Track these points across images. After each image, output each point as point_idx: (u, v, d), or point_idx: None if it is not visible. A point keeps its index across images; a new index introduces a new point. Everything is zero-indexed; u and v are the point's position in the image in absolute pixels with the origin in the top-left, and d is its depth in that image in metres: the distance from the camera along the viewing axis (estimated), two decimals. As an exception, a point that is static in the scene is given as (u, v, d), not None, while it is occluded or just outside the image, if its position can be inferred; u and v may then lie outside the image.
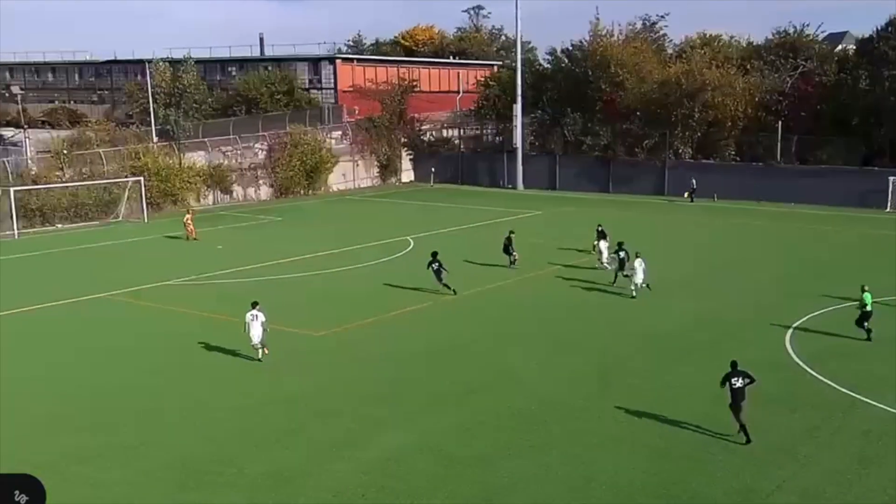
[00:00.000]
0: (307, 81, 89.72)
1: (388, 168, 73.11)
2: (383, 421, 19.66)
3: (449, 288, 31.54)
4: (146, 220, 52.26)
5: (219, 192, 61.34)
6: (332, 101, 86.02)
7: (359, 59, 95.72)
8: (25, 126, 67.33)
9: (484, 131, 77.95)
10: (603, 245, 35.82)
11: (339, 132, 73.07)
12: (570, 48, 70.15)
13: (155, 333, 27.37)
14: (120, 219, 52.76)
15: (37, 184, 51.46)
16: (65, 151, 56.03)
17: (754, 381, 18.20)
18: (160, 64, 72.10)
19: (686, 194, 59.10)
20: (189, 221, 45.43)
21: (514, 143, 67.90)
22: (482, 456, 17.69)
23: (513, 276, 34.78)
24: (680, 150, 62.91)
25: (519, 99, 66.82)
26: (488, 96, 75.70)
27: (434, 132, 77.93)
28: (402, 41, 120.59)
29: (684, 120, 62.07)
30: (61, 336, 27.43)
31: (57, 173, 54.74)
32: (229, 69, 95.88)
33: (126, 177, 54.45)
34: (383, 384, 22.20)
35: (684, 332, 26.54)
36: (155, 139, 63.08)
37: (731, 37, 72.33)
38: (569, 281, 33.71)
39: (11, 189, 48.05)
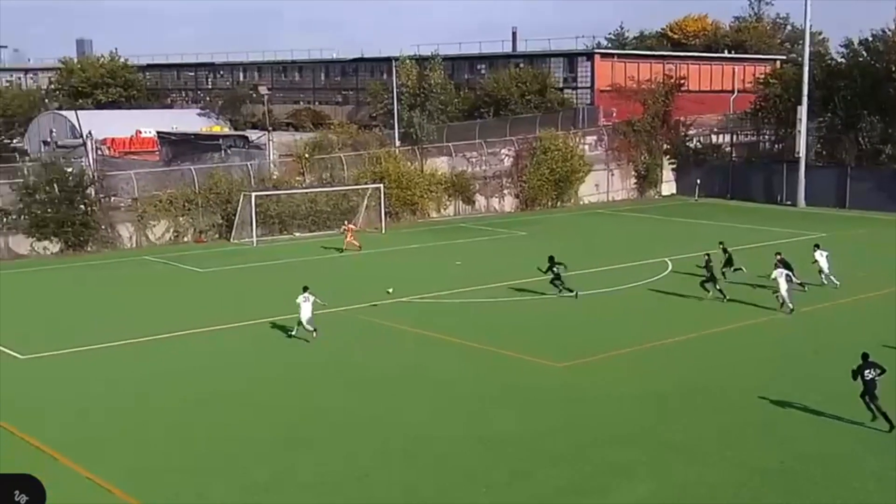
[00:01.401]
0: (561, 80, 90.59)
1: (646, 179, 72.18)
2: (624, 468, 19.52)
3: (562, 290, 35.22)
4: (384, 231, 54.64)
5: (460, 202, 63.07)
6: (588, 101, 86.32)
7: (619, 55, 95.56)
8: (270, 128, 72.34)
9: (761, 137, 75.35)
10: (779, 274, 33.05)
11: (594, 137, 73.05)
12: (870, 38, 66.55)
13: (384, 354, 28.60)
14: (357, 228, 55.39)
15: (277, 189, 55.08)
16: (306, 155, 59.67)
17: (885, 371, 20.79)
18: (406, 62, 75.30)
19: None
20: (348, 231, 48.06)
21: (796, 151, 65.10)
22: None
23: (781, 308, 33.44)
24: None
25: (804, 100, 64.06)
26: (768, 96, 73.20)
27: (701, 138, 76.18)
28: (670, 33, 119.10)
29: None
30: (289, 353, 29.23)
31: (297, 178, 58.40)
32: (478, 67, 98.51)
33: (366, 183, 57.16)
34: (629, 425, 22.07)
35: None
36: (397, 143, 65.83)
37: None
38: (853, 316, 31.93)
39: (253, 194, 51.67)
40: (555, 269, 35.42)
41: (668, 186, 73.54)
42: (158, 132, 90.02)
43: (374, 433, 21.79)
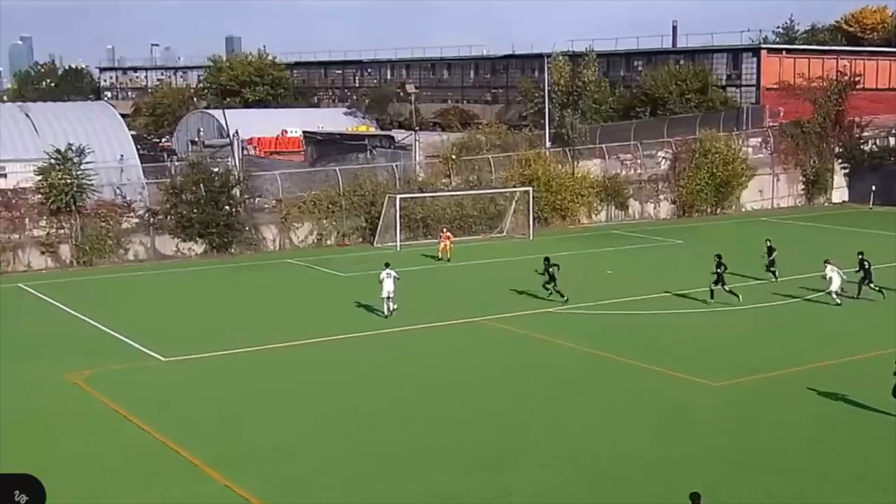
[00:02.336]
0: (724, 77, 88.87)
1: (815, 184, 69.84)
2: (784, 500, 19.01)
3: (552, 293, 36.58)
4: (531, 237, 54.58)
5: (613, 208, 62.45)
6: (753, 100, 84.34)
7: (788, 50, 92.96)
8: (417, 128, 73.30)
9: (946, 140, 72.10)
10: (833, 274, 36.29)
11: (759, 139, 71.24)
12: None
13: (529, 367, 28.59)
14: (504, 234, 55.58)
15: (423, 191, 55.66)
16: (453, 157, 60.13)
17: None
18: (559, 59, 75.04)
19: None
20: (446, 239, 47.74)
21: (985, 155, 62.04)
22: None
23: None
24: None
25: None
26: (955, 95, 70.03)
27: (878, 140, 73.26)
28: (845, 26, 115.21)
29: None
30: (427, 364, 29.53)
31: (444, 181, 58.89)
32: (635, 63, 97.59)
33: (514, 186, 57.20)
34: (790, 452, 21.44)
35: None
36: (548, 144, 65.69)
37: None
38: None
39: (398, 196, 52.38)
40: (550, 270, 36.68)
41: (840, 193, 70.97)
42: (304, 132, 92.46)
43: (512, 450, 21.80)
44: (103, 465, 21.08)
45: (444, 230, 49.82)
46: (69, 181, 46.66)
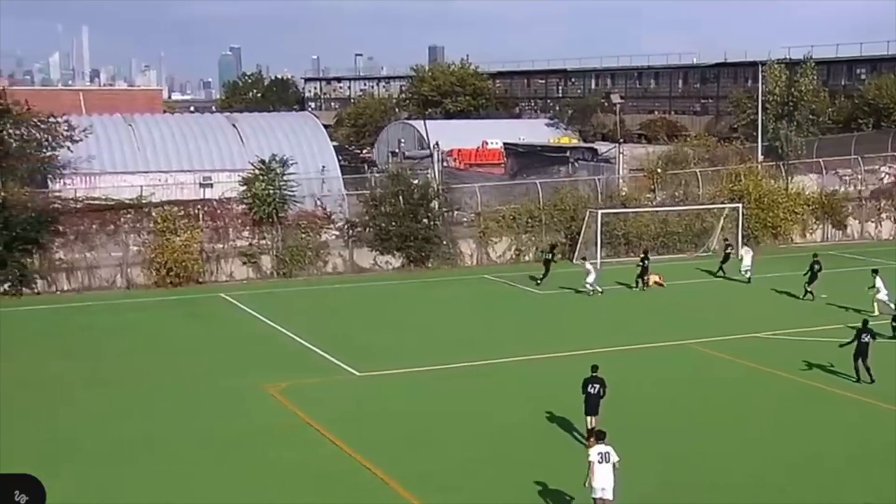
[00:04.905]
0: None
1: None
2: None
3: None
4: (739, 256, 53.19)
5: (829, 227, 60.25)
6: None
7: None
8: (621, 140, 72.73)
9: None
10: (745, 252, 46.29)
11: None
12: None
13: (734, 396, 28.17)
14: (710, 252, 54.38)
15: (625, 206, 55.13)
16: (658, 170, 59.35)
17: (875, 337, 28.48)
18: (775, 66, 72.91)
19: None
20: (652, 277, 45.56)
21: None
22: None
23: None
24: None
25: None
26: None
27: None
28: None
29: None
30: (624, 388, 29.17)
31: (647, 195, 58.18)
32: (858, 71, 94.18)
33: (722, 202, 55.97)
34: None
35: None
36: (760, 157, 63.98)
37: None
38: None
39: (599, 212, 52.04)
40: (814, 267, 41.43)
41: None
42: (504, 143, 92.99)
43: (714, 484, 21.42)
44: (295, 478, 21.92)
45: (657, 277, 46.42)
46: (272, 192, 48.32)
